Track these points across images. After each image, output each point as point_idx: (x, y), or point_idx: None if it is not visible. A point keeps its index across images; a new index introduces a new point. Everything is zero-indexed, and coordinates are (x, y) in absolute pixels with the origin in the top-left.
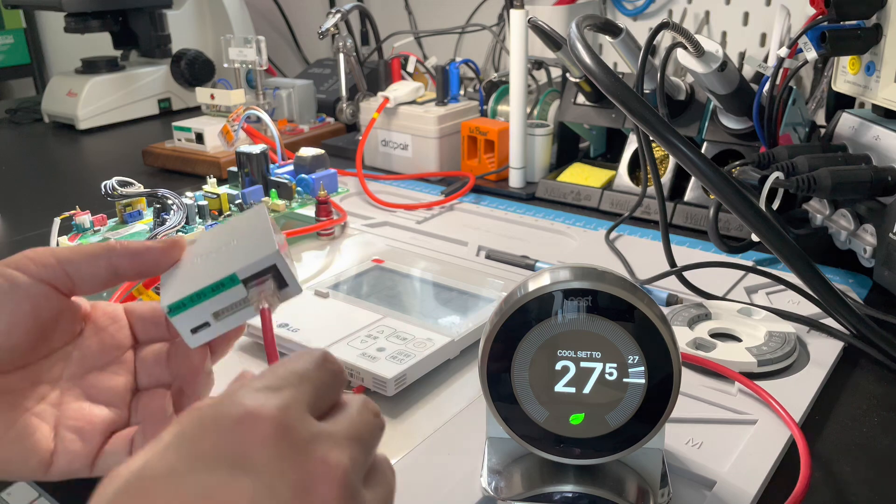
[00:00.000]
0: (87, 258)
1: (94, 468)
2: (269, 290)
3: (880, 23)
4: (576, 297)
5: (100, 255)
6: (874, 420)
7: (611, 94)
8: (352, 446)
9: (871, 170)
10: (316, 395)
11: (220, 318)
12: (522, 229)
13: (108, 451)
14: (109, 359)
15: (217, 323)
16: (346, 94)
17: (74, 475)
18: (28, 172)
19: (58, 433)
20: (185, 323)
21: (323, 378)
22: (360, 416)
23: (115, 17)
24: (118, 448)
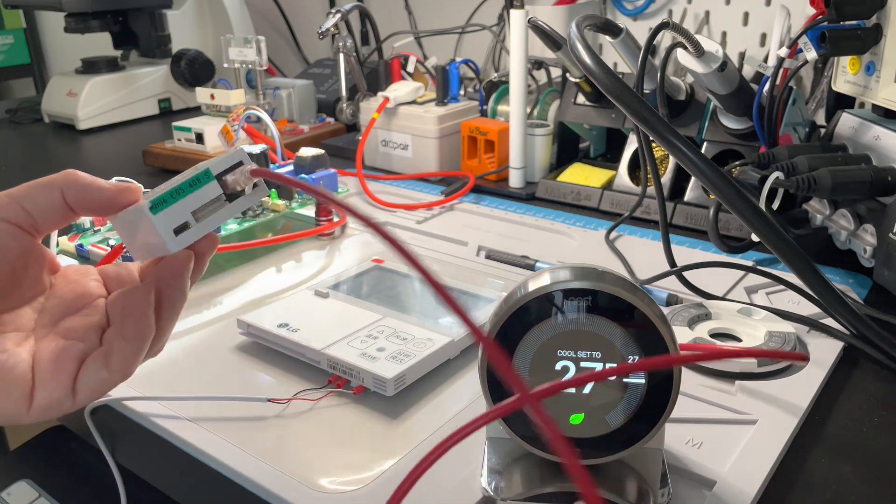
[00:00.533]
0: (41, 188)
1: (75, 396)
2: (244, 175)
3: (880, 23)
4: (576, 297)
5: (53, 184)
6: (874, 420)
7: (611, 94)
8: None
9: (871, 170)
10: None
11: (200, 219)
12: (522, 229)
13: (84, 373)
14: (81, 304)
15: (197, 224)
16: (346, 94)
17: (58, 407)
18: (28, 172)
19: (35, 367)
20: (168, 222)
21: None
22: None
23: (115, 17)
24: (93, 366)
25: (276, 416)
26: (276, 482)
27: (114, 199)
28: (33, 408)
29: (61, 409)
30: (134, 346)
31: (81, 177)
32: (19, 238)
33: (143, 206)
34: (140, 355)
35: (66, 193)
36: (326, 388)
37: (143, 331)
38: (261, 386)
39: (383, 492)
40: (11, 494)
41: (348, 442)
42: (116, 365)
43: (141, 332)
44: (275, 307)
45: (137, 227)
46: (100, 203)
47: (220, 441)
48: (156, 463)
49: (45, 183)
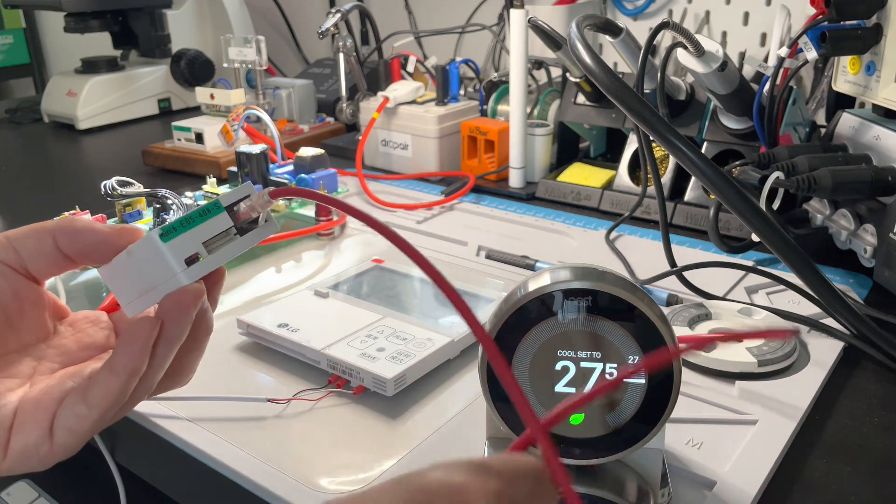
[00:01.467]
0: (34, 233)
1: (52, 439)
2: (262, 199)
3: (880, 23)
4: (576, 297)
5: (45, 229)
6: (874, 420)
7: (611, 94)
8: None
9: (871, 170)
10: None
11: (211, 250)
12: (522, 229)
13: (61, 410)
14: (86, 356)
15: (208, 257)
16: (346, 94)
17: (35, 453)
18: (28, 172)
19: (17, 411)
20: (178, 251)
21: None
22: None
23: (115, 17)
24: (71, 401)
25: (276, 416)
26: (276, 482)
27: (110, 241)
28: (8, 455)
29: (38, 455)
30: (119, 380)
31: (76, 222)
32: (10, 278)
33: (152, 235)
34: (124, 392)
35: (58, 239)
36: (326, 388)
37: (133, 364)
38: (261, 386)
39: None
40: (11, 494)
41: (348, 442)
42: (95, 398)
43: (130, 364)
44: (275, 307)
45: (141, 265)
46: (94, 246)
47: (220, 441)
48: (155, 463)
49: (38, 228)
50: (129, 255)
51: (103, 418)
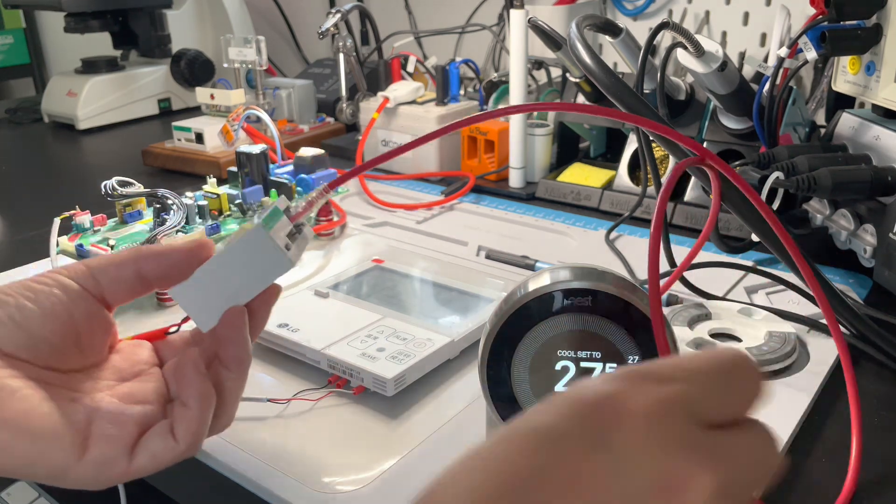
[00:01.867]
0: (114, 262)
1: (132, 458)
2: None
3: (880, 23)
4: (576, 297)
5: (126, 258)
6: (874, 420)
7: (611, 93)
8: (729, 471)
9: (871, 170)
10: (706, 401)
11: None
12: (522, 229)
13: (149, 437)
14: (137, 372)
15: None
16: (346, 94)
17: (112, 465)
18: (28, 172)
19: (93, 420)
20: (280, 232)
21: (723, 384)
22: (756, 449)
23: (115, 17)
24: (158, 433)
25: (276, 416)
26: (277, 482)
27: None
28: (85, 459)
29: (114, 470)
30: (196, 412)
31: (154, 247)
32: (88, 303)
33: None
34: (204, 422)
35: (142, 266)
36: (326, 388)
37: (202, 393)
38: (261, 386)
39: (383, 492)
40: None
41: (348, 442)
42: (181, 433)
43: (199, 394)
44: (275, 307)
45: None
46: (177, 265)
47: (221, 441)
48: None
49: (118, 257)
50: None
51: (190, 450)
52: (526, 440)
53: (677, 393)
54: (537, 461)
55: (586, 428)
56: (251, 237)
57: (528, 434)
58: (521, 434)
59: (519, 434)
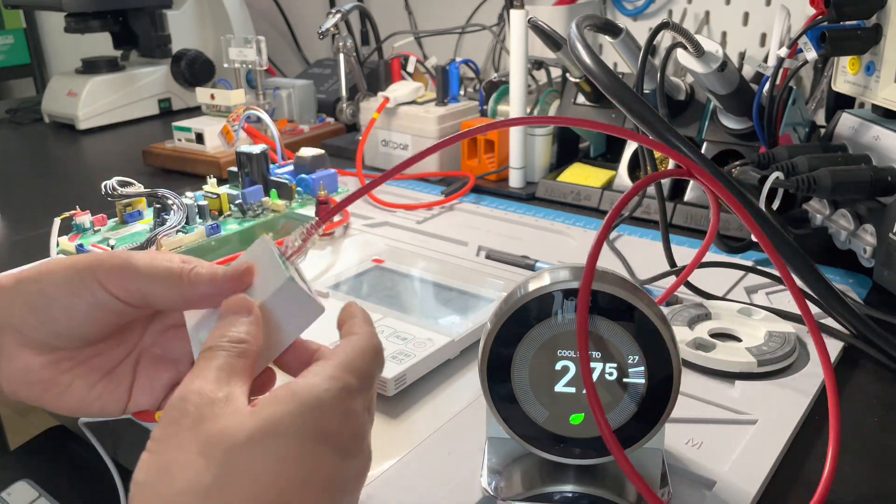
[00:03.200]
0: (164, 286)
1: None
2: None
3: (880, 23)
4: (576, 297)
5: (173, 285)
6: (874, 420)
7: (611, 94)
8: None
9: (870, 170)
10: (371, 392)
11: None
12: (522, 229)
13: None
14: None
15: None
16: (346, 94)
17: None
18: (28, 172)
19: (132, 385)
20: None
21: (377, 377)
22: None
23: (115, 17)
24: None
25: None
26: None
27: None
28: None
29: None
30: None
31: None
32: (130, 311)
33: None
34: None
35: (186, 293)
36: None
37: None
38: None
39: (383, 491)
40: (11, 494)
41: None
42: None
43: None
44: None
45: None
46: (220, 293)
47: None
48: None
49: (167, 279)
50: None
51: None
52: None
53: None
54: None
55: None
56: (281, 293)
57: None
58: None
59: None
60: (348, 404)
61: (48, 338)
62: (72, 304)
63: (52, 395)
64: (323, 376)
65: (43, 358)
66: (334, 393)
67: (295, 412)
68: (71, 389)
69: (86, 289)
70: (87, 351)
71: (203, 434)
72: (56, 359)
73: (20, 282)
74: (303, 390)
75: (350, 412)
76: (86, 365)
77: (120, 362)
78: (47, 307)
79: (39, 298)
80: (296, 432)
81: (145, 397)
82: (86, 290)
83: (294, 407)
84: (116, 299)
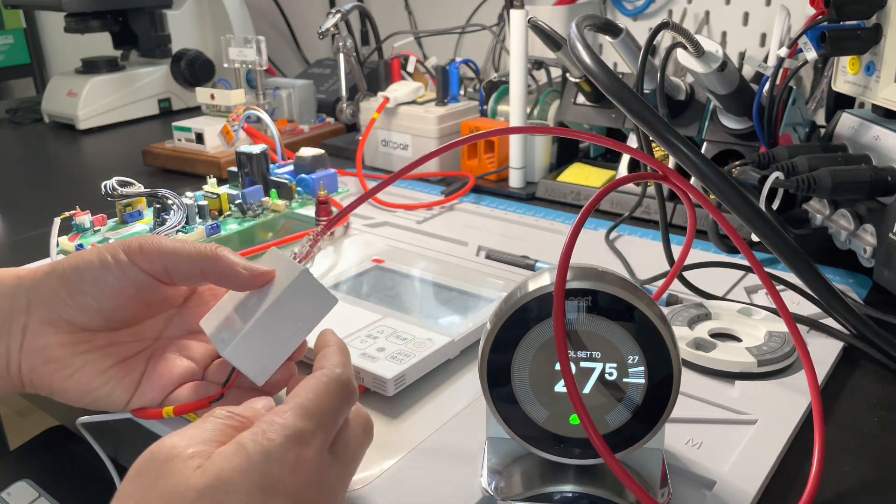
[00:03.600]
0: (186, 260)
1: (162, 400)
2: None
3: (880, 23)
4: (576, 297)
5: (195, 261)
6: (874, 420)
7: (611, 94)
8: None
9: (871, 170)
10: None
11: None
12: (522, 229)
13: (177, 392)
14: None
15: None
16: (346, 94)
17: (144, 401)
18: (28, 172)
19: (145, 373)
20: None
21: (345, 410)
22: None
23: (115, 17)
24: (186, 392)
25: None
26: None
27: (253, 282)
28: (133, 399)
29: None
30: None
31: (222, 261)
32: (155, 286)
33: (304, 271)
34: None
35: (206, 272)
36: None
37: None
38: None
39: (383, 491)
40: (11, 494)
41: None
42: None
43: None
44: None
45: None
46: (237, 285)
47: None
48: None
49: (191, 255)
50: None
51: None
52: None
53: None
54: None
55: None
56: (298, 283)
57: None
58: None
59: None
60: (299, 452)
61: (75, 313)
62: (101, 276)
63: (63, 375)
64: (274, 426)
65: (64, 336)
66: (281, 443)
67: (243, 468)
68: (82, 372)
69: (115, 263)
70: (106, 336)
71: (156, 493)
72: (75, 340)
73: (57, 264)
74: (250, 445)
75: (301, 460)
76: (102, 350)
77: (135, 354)
78: (79, 281)
79: (73, 273)
80: (244, 488)
81: (152, 391)
82: (115, 264)
83: (241, 462)
84: (141, 271)
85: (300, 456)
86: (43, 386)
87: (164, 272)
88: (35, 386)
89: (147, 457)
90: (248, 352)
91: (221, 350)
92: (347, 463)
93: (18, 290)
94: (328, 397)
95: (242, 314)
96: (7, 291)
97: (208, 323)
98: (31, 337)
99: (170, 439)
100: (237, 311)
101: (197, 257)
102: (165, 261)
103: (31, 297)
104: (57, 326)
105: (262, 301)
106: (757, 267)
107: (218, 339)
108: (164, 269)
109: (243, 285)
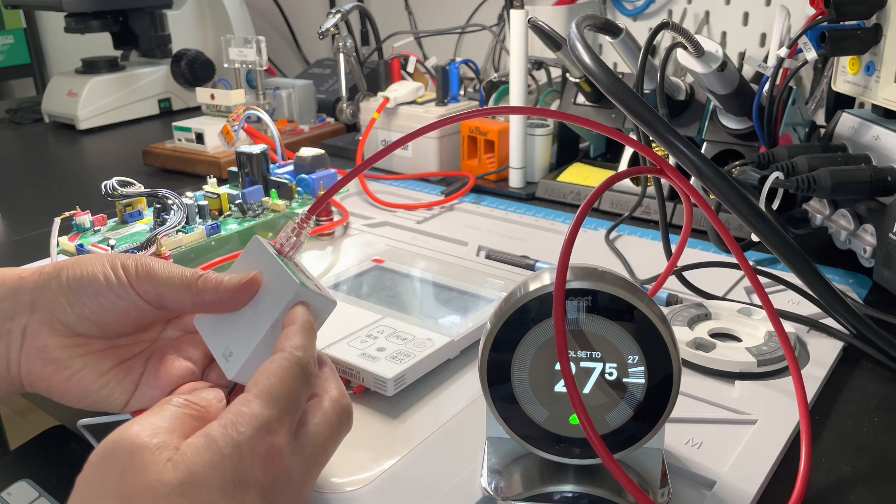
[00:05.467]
0: (177, 293)
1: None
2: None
3: (880, 23)
4: (576, 297)
5: (185, 291)
6: (874, 420)
7: (611, 94)
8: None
9: (870, 170)
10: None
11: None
12: (522, 229)
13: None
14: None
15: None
16: (346, 94)
17: (142, 403)
18: (28, 172)
19: (143, 376)
20: (304, 277)
21: (305, 394)
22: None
23: (115, 18)
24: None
25: None
26: None
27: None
28: (133, 400)
29: (142, 405)
30: None
31: (208, 283)
32: (151, 309)
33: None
34: None
35: (195, 301)
36: None
37: None
38: None
39: (383, 491)
40: (11, 494)
41: (348, 441)
42: None
43: None
44: None
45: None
46: (228, 301)
47: None
48: None
49: (180, 285)
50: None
51: None
52: None
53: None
54: None
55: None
56: (295, 299)
57: None
58: None
59: None
60: (270, 441)
61: (74, 321)
62: (103, 293)
63: (62, 377)
64: (243, 417)
65: (63, 339)
66: (251, 434)
67: (215, 462)
68: (81, 374)
69: (118, 283)
70: (105, 340)
71: (126, 486)
72: (74, 342)
73: (61, 269)
74: (221, 438)
75: (272, 449)
76: (101, 353)
77: (134, 356)
78: (81, 292)
79: (75, 284)
80: (217, 483)
81: (151, 392)
82: (117, 284)
83: (212, 457)
84: (139, 297)
85: (271, 446)
86: (42, 387)
87: (157, 301)
88: (34, 387)
89: (109, 446)
90: (253, 369)
91: (227, 373)
92: (315, 447)
93: (20, 290)
94: (290, 382)
95: (242, 327)
96: (8, 292)
97: (203, 323)
98: (31, 338)
99: (131, 427)
100: (235, 322)
101: (187, 289)
102: (158, 292)
103: (34, 298)
104: (56, 329)
105: (260, 316)
106: (745, 265)
107: (220, 355)
108: (158, 300)
109: (233, 307)
